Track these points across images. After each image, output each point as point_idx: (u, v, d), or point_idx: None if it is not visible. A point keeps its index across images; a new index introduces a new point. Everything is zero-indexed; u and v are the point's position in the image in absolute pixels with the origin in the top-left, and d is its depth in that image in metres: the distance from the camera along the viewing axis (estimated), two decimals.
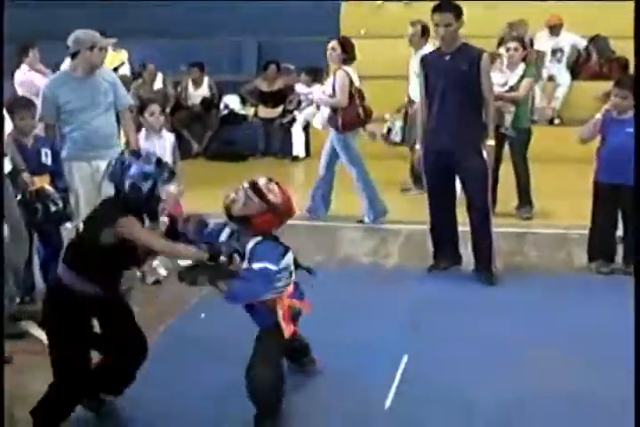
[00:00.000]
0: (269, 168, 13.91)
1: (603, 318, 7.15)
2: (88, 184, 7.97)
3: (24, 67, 12.10)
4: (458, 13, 7.84)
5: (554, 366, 6.24)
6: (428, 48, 10.59)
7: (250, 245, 5.26)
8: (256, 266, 5.13)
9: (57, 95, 7.88)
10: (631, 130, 7.97)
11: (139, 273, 8.29)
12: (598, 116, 8.27)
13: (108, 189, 6.88)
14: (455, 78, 7.86)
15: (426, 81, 8.09)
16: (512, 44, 10.57)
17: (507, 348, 6.50)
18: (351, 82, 10.16)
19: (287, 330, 5.37)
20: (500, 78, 10.36)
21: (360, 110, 10.24)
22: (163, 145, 8.48)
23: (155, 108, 8.56)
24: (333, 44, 10.15)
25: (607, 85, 9.77)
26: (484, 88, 7.92)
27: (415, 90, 10.34)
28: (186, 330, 7.10)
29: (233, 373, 5.47)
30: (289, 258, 5.39)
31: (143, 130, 8.57)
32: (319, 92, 10.81)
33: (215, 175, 12.53)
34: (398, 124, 11.60)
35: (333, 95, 10.21)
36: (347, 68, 10.21)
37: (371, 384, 5.94)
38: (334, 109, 10.09)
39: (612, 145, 8.15)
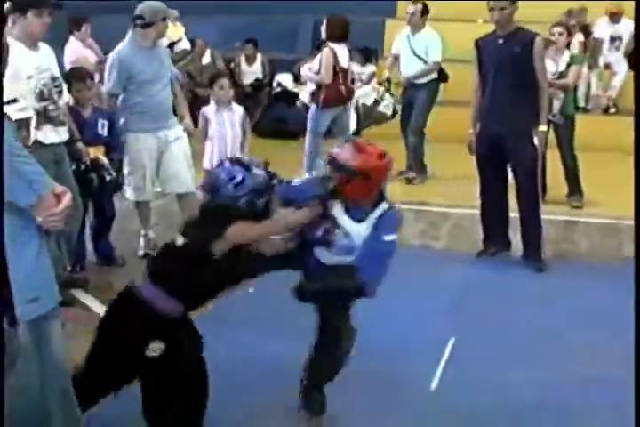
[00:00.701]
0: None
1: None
2: (153, 155, 8.11)
3: (74, 41, 11.96)
4: None
5: (596, 352, 6.29)
6: (428, 29, 11.23)
7: (377, 213, 4.87)
8: (388, 238, 4.86)
9: (131, 65, 7.92)
10: None
11: None
12: None
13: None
14: (508, 62, 7.91)
15: (479, 64, 8.13)
16: (557, 29, 10.52)
17: (551, 334, 6.58)
18: (336, 60, 10.36)
19: None
20: (552, 66, 10.34)
21: (342, 88, 10.53)
22: (232, 118, 8.53)
23: (224, 81, 8.48)
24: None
25: None
26: (538, 72, 7.94)
27: (407, 66, 11.13)
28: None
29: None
30: None
31: (212, 103, 8.58)
32: (306, 68, 11.05)
33: (265, 152, 12.55)
34: (389, 96, 11.67)
35: (319, 72, 10.45)
36: (334, 45, 10.41)
37: (416, 366, 6.01)
38: (319, 86, 10.16)
39: None
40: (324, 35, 10.71)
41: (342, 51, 10.54)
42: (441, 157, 11.59)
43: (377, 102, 11.42)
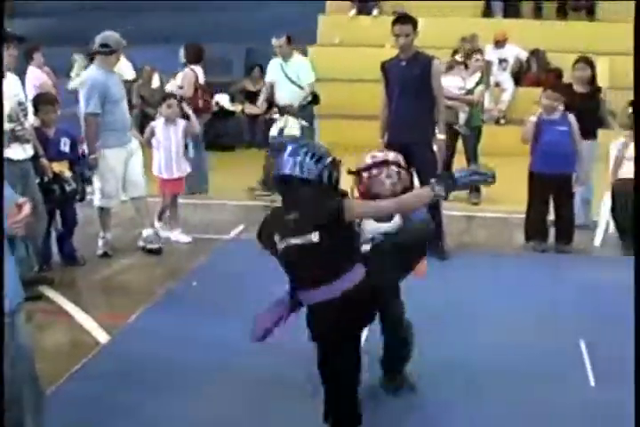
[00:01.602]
0: (253, 158, 13.82)
1: (539, 288, 7.25)
2: (122, 166, 8.17)
3: (33, 68, 12.03)
4: (415, 25, 8.02)
5: (500, 322, 6.40)
6: (297, 56, 11.15)
7: None
8: None
9: (106, 87, 7.93)
10: (562, 128, 8.33)
11: (141, 243, 8.35)
12: (533, 118, 8.39)
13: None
14: (410, 81, 7.98)
15: (386, 84, 8.18)
16: (477, 56, 10.97)
17: (458, 309, 6.62)
18: (196, 78, 10.69)
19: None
20: (460, 82, 10.48)
21: (200, 102, 10.86)
22: (177, 131, 8.79)
23: (172, 101, 8.87)
24: None
25: None
26: (435, 90, 8.06)
27: (284, 92, 10.97)
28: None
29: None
30: None
31: (161, 119, 8.77)
32: (172, 84, 11.30)
33: (209, 163, 12.52)
34: (292, 119, 10.98)
35: (182, 88, 10.71)
36: (193, 66, 10.82)
37: None
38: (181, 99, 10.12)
39: (545, 141, 8.30)
40: (183, 59, 10.99)
41: (199, 71, 10.90)
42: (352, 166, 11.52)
43: (282, 130, 10.99)
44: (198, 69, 10.92)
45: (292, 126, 10.75)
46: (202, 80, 10.95)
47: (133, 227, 8.68)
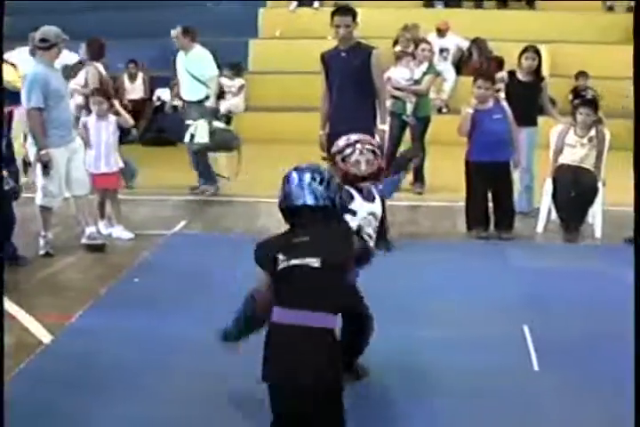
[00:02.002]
0: None
1: (483, 275, 7.30)
2: (64, 164, 8.00)
3: None
4: (354, 16, 8.00)
5: (442, 316, 6.38)
6: (197, 48, 10.71)
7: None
8: None
9: (48, 82, 7.73)
10: (496, 116, 8.39)
11: (84, 241, 8.27)
12: (469, 110, 8.43)
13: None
14: (351, 72, 7.97)
15: (326, 75, 8.17)
16: (424, 46, 10.92)
17: (398, 303, 6.53)
18: (101, 75, 10.37)
19: None
20: (408, 73, 10.51)
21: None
22: (108, 128, 8.69)
23: (98, 98, 8.76)
24: None
25: None
26: (376, 80, 8.05)
27: (185, 86, 10.74)
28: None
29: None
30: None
31: (93, 115, 8.70)
32: (72, 83, 10.75)
33: (150, 159, 12.44)
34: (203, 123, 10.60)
35: (85, 85, 10.36)
36: (96, 63, 10.44)
37: None
38: (86, 96, 9.91)
39: (482, 130, 8.36)
40: (84, 55, 10.63)
41: (101, 67, 10.54)
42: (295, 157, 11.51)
43: (193, 137, 10.61)
44: (100, 66, 10.51)
45: (202, 133, 10.47)
46: (105, 76, 10.53)
47: (75, 225, 8.58)
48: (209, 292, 6.85)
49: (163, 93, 15.39)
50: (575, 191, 8.68)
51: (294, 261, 3.96)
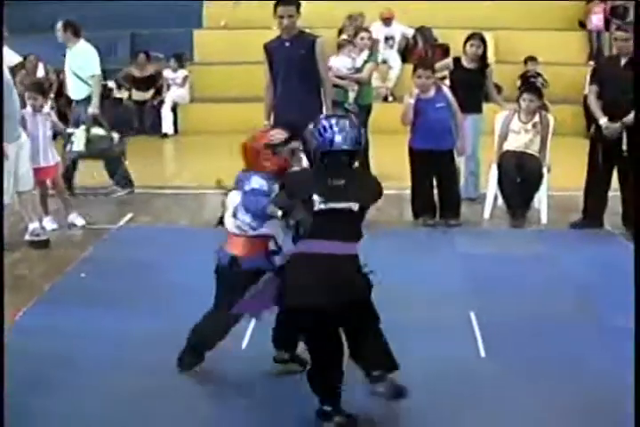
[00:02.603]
0: (143, 144, 13.77)
1: (431, 262, 7.31)
2: (15, 160, 7.86)
3: None
4: (298, 6, 7.96)
5: (394, 305, 6.28)
6: (82, 43, 10.07)
7: None
8: None
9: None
10: (439, 104, 8.39)
11: (27, 237, 8.16)
12: (411, 100, 8.42)
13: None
14: (295, 61, 7.94)
15: (270, 65, 8.10)
16: (363, 34, 10.90)
17: None
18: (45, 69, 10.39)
19: None
20: (349, 62, 10.50)
21: None
22: (44, 121, 8.68)
23: (31, 94, 8.71)
24: None
25: None
26: (321, 69, 8.02)
27: (71, 87, 10.17)
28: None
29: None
30: None
31: (29, 108, 8.62)
32: None
33: None
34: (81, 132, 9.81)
35: None
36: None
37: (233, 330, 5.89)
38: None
39: (425, 119, 8.35)
40: None
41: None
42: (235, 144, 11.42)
43: (72, 144, 9.84)
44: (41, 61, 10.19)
45: (78, 141, 9.81)
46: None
47: (18, 221, 8.46)
48: (154, 285, 6.80)
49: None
50: (520, 177, 8.72)
51: (333, 205, 4.40)
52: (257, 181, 4.90)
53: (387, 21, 15.46)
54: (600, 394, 4.96)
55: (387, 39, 15.47)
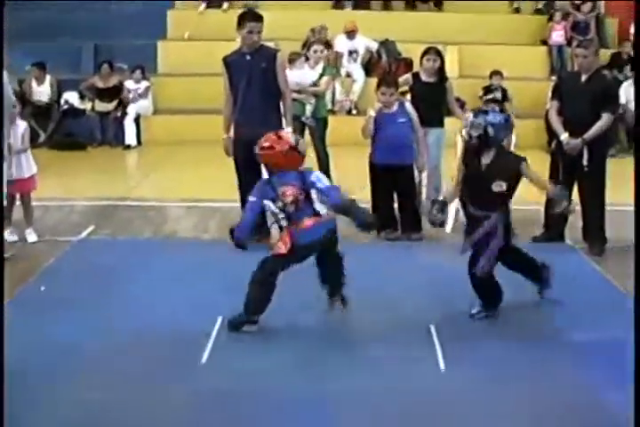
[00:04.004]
0: (106, 156, 13.75)
1: (392, 276, 7.31)
2: None
3: None
4: (263, 21, 7.97)
5: (355, 318, 6.44)
6: None
7: None
8: None
9: None
10: (401, 120, 8.43)
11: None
12: (372, 113, 8.45)
13: None
14: (256, 74, 7.94)
15: (230, 78, 8.08)
16: (316, 47, 10.77)
17: (305, 305, 6.52)
18: None
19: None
20: (304, 75, 10.50)
21: None
22: (17, 132, 8.45)
23: None
24: None
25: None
26: (281, 82, 8.02)
27: None
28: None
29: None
30: None
31: None
32: None
33: (58, 163, 12.28)
34: None
35: None
36: None
37: (190, 340, 5.89)
38: None
39: (386, 134, 8.37)
40: None
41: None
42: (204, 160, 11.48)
43: None
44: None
45: None
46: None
47: None
48: (112, 297, 6.76)
49: (71, 97, 15.20)
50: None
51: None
52: (324, 179, 6.15)
53: (350, 35, 15.51)
54: (563, 407, 5.01)
55: (350, 53, 15.53)
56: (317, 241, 6.09)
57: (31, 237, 8.63)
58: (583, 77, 8.22)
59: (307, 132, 10.43)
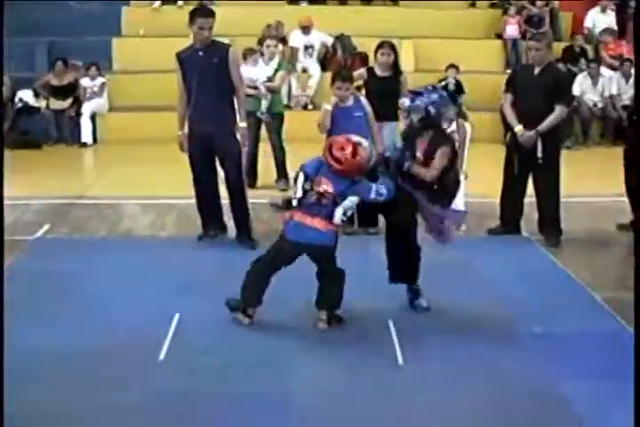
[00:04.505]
0: (62, 154, 13.62)
1: (349, 270, 7.27)
2: None
3: None
4: (214, 16, 7.90)
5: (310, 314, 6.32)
6: None
7: None
8: None
9: None
10: (357, 114, 8.39)
11: None
12: (328, 107, 8.41)
13: None
14: (209, 70, 7.85)
15: (183, 74, 8.01)
16: (269, 42, 10.71)
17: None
18: None
19: None
20: (258, 70, 10.46)
21: None
22: None
23: None
24: None
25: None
26: (234, 78, 7.95)
27: None
28: None
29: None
30: None
31: None
32: None
33: (13, 162, 12.12)
34: None
35: None
36: None
37: (147, 339, 5.83)
38: None
39: (342, 128, 8.29)
40: None
41: None
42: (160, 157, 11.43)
43: None
44: None
45: None
46: None
47: None
48: (69, 297, 6.68)
49: (25, 95, 15.04)
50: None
51: None
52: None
53: (306, 30, 15.46)
54: (522, 401, 5.01)
55: (306, 48, 15.49)
56: (297, 244, 5.98)
57: None
58: (536, 70, 8.25)
59: (263, 127, 10.42)
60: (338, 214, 5.94)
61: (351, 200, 5.98)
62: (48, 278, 7.17)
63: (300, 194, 5.96)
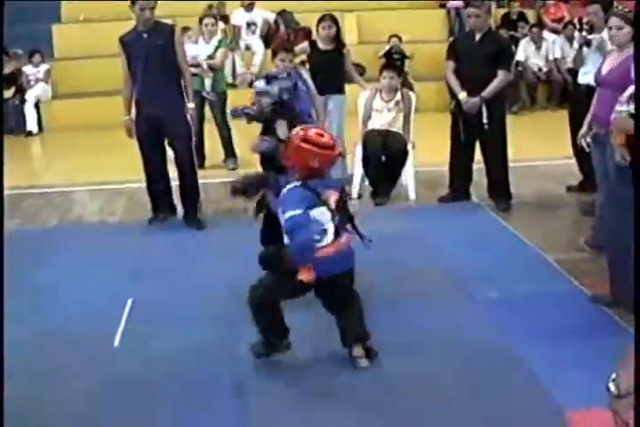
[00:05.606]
0: (7, 144, 13.32)
1: None
2: None
3: None
4: None
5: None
6: None
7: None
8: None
9: None
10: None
11: None
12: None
13: None
14: (155, 52, 7.71)
15: (127, 58, 7.86)
16: (207, 21, 10.64)
17: (221, 281, 6.38)
18: None
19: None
20: (199, 49, 10.37)
21: None
22: None
23: None
24: None
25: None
26: (180, 58, 7.82)
27: None
28: None
29: None
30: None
31: None
32: None
33: None
34: None
35: None
36: None
37: (101, 325, 5.74)
38: None
39: None
40: None
41: None
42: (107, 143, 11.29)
43: None
44: None
45: None
46: None
47: None
48: (21, 287, 6.51)
49: None
50: (385, 155, 8.72)
51: None
52: None
53: (248, 7, 15.37)
54: (481, 364, 4.99)
55: (249, 25, 15.39)
56: (333, 277, 4.84)
57: None
58: (477, 37, 8.21)
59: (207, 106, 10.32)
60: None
61: None
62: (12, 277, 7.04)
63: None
